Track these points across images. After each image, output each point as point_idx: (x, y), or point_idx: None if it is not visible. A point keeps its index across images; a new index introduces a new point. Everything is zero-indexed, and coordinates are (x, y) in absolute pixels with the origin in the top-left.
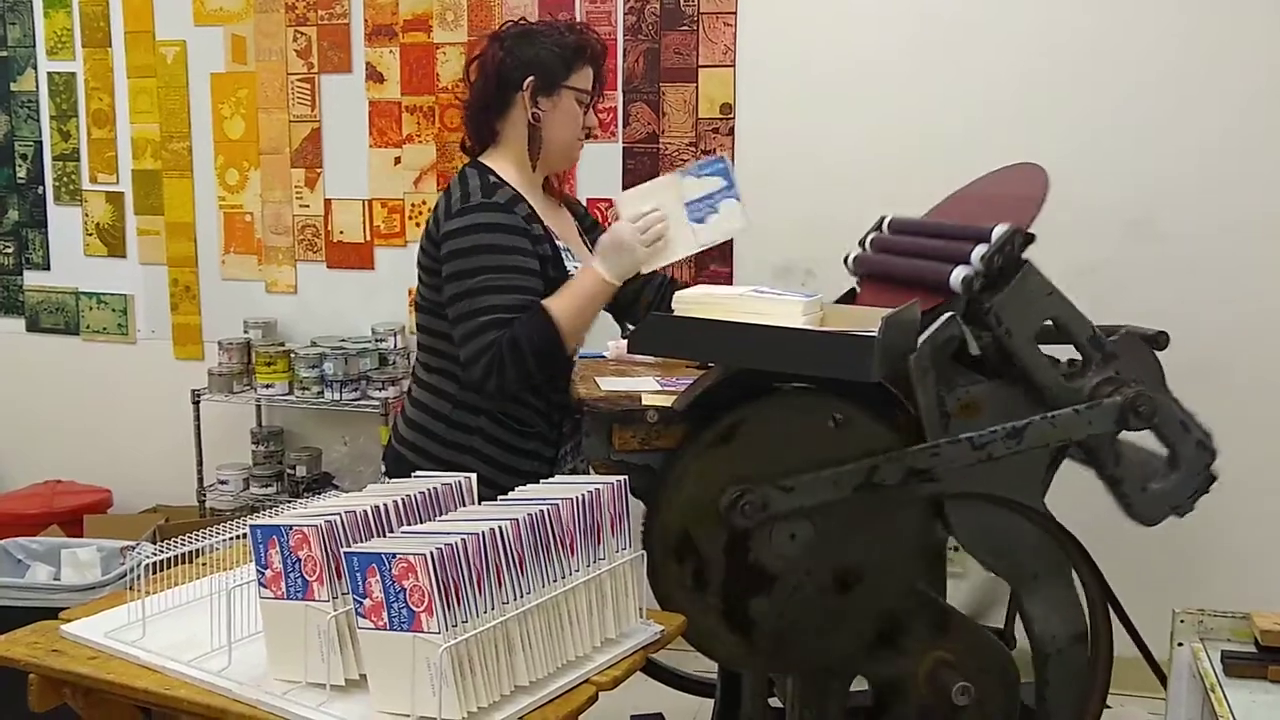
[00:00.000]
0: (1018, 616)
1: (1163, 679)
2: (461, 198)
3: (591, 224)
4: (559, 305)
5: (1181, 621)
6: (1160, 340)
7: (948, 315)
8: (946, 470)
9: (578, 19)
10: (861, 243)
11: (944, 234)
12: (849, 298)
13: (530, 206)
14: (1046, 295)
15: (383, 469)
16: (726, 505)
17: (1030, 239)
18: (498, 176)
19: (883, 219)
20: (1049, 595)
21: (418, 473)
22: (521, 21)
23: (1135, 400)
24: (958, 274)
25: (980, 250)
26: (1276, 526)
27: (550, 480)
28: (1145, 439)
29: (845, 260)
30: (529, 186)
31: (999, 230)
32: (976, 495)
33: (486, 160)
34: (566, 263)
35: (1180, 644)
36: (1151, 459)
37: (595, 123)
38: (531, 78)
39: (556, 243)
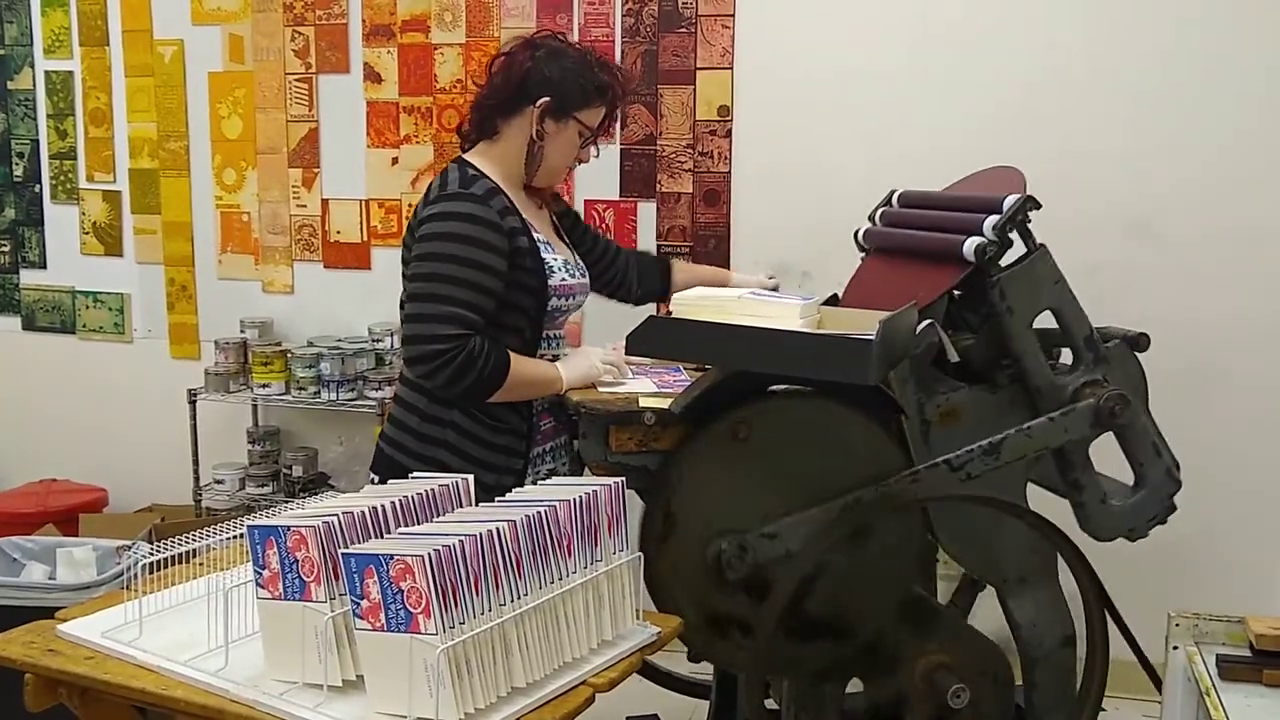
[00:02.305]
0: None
1: (1157, 682)
2: (439, 187)
3: (573, 221)
4: (518, 365)
5: (1177, 625)
6: (1141, 343)
7: (927, 323)
8: (930, 490)
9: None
10: (871, 217)
11: (954, 205)
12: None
13: (509, 199)
14: (1054, 283)
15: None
16: (713, 558)
17: (1036, 204)
18: (478, 170)
19: (892, 193)
20: (1037, 598)
21: (415, 474)
22: (561, 37)
23: (1110, 401)
24: (970, 244)
25: (992, 220)
26: (1272, 529)
27: (547, 482)
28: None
29: (855, 236)
30: (512, 183)
31: (1010, 200)
32: (973, 499)
33: (478, 154)
34: (544, 254)
35: (1175, 647)
36: (1120, 487)
37: (589, 157)
38: (548, 99)
39: (535, 235)
